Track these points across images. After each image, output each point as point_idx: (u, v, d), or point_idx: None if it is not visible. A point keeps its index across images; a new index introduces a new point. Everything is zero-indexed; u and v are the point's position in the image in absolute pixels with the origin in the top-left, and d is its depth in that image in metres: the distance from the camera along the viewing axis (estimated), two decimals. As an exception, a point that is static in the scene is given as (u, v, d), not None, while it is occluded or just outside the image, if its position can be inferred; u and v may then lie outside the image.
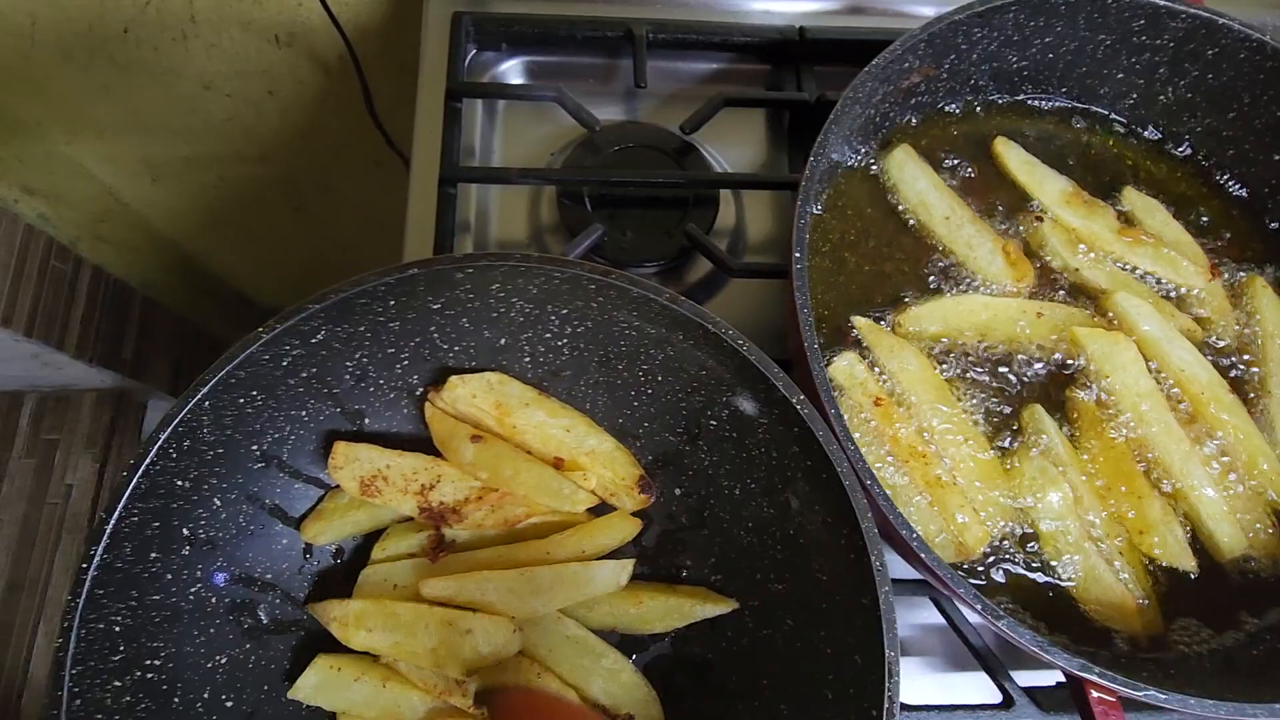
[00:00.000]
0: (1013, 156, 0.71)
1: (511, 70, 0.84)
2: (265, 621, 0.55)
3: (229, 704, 0.52)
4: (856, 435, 0.53)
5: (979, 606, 0.48)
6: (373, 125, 1.13)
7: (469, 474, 0.57)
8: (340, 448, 0.56)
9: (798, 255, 0.54)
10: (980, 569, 0.59)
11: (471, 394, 0.58)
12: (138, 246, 1.44)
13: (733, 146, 0.83)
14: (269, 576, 0.55)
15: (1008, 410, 0.64)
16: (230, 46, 1.06)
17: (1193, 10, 0.66)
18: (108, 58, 1.08)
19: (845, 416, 0.52)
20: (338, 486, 0.57)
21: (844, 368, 0.60)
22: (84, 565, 0.44)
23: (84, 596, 0.44)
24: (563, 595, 0.55)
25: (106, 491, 1.37)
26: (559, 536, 0.57)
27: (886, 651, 0.47)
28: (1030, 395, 0.64)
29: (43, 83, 1.12)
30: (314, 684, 0.54)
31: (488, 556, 0.56)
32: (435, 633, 0.51)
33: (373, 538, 0.58)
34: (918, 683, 0.66)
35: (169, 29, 1.03)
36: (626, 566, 0.57)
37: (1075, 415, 0.63)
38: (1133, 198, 0.71)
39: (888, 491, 0.52)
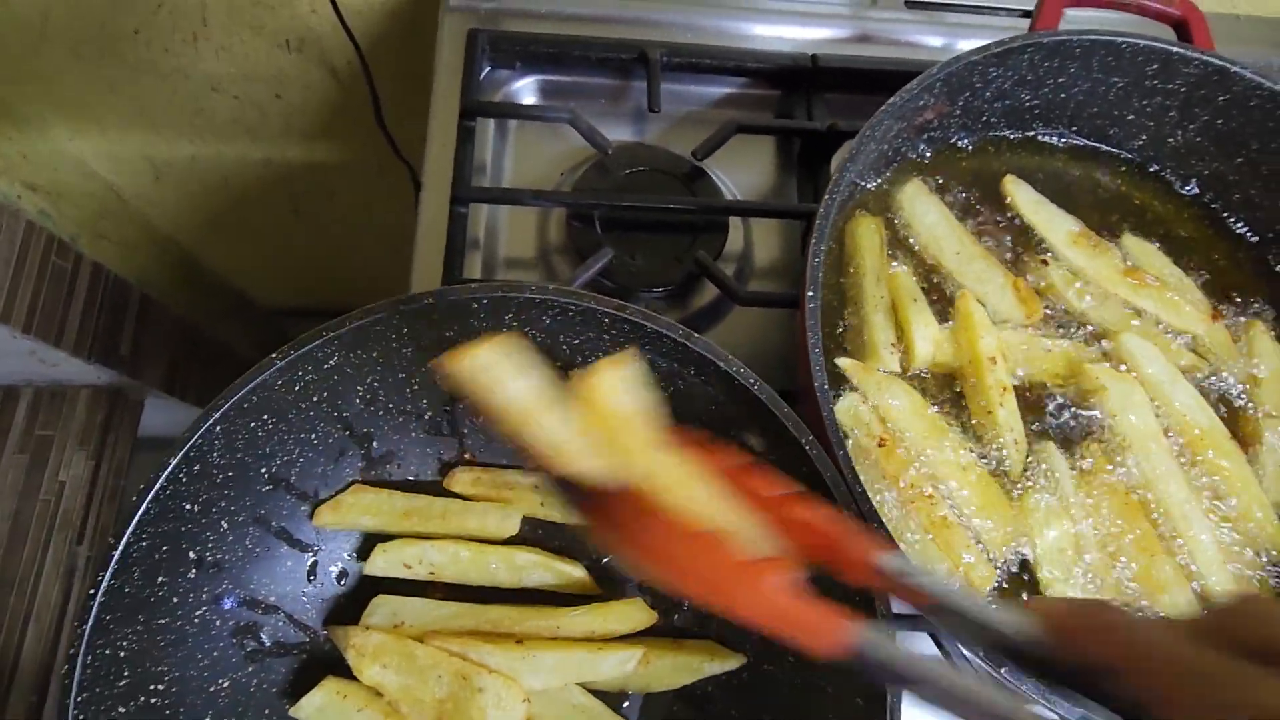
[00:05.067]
0: (1022, 196, 0.71)
1: (524, 88, 0.84)
2: (268, 644, 0.55)
3: (229, 727, 0.52)
4: (862, 476, 0.53)
5: (982, 653, 0.48)
6: (379, 132, 1.13)
7: None
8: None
9: (810, 294, 0.54)
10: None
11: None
12: (138, 244, 1.44)
13: (742, 171, 0.83)
14: (273, 599, 0.55)
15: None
16: (240, 50, 1.06)
17: (1206, 57, 0.67)
18: (117, 56, 1.07)
19: (851, 458, 0.52)
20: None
21: (848, 408, 0.60)
22: (91, 592, 0.44)
23: (91, 623, 0.43)
24: (564, 676, 0.54)
25: (100, 489, 1.36)
26: (571, 612, 0.56)
27: (889, 694, 0.47)
28: (1035, 430, 0.65)
29: (50, 78, 1.11)
30: (318, 705, 0.53)
31: (496, 616, 0.55)
32: (447, 683, 0.51)
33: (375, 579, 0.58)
34: (914, 714, 0.66)
35: (180, 31, 1.03)
36: (634, 655, 0.55)
37: (1087, 458, 0.63)
38: (1130, 244, 0.72)
39: (892, 532, 0.52)
